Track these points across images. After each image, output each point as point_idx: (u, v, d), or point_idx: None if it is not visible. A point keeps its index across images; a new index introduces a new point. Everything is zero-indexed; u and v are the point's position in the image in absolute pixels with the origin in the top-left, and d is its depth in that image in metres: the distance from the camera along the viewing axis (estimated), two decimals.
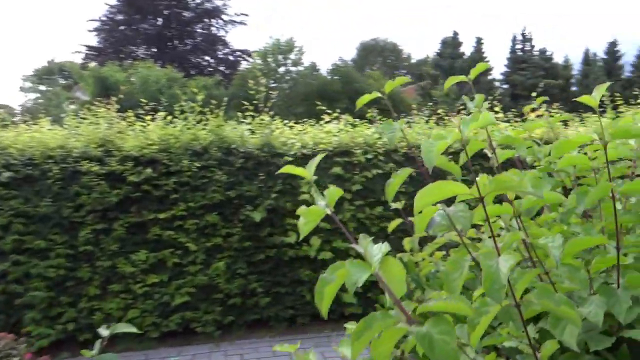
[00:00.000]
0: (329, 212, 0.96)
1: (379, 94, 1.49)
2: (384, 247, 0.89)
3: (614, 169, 1.39)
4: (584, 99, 1.04)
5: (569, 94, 42.73)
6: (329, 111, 5.69)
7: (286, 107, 24.37)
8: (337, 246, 4.99)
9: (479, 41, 40.41)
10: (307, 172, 1.06)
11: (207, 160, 4.83)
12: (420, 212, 1.48)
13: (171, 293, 4.72)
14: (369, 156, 5.08)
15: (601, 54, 45.15)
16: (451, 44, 40.11)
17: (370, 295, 5.09)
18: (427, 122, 5.79)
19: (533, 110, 6.02)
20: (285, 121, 5.66)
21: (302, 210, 1.02)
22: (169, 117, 5.14)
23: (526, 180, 0.83)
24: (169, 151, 4.77)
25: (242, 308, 4.96)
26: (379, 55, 64.01)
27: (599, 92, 1.02)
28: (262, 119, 5.30)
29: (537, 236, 1.03)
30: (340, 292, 3.16)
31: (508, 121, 6.17)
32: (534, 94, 6.81)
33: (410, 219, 2.30)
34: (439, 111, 5.93)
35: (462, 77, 1.51)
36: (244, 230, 4.88)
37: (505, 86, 42.37)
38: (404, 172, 1.39)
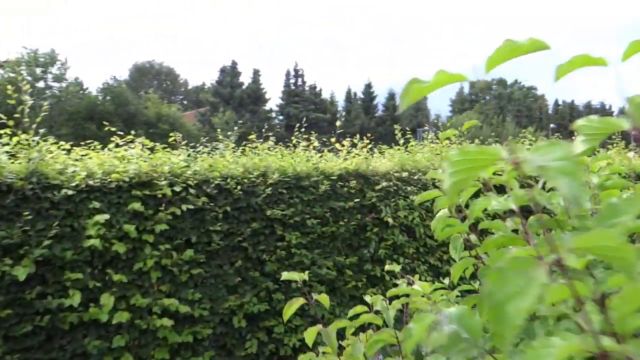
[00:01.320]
0: None
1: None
2: None
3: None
4: None
5: (335, 127, 46.96)
6: (120, 132, 4.60)
7: (48, 126, 21.14)
8: (137, 303, 3.92)
9: (256, 72, 41.65)
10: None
11: None
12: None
13: None
14: (177, 188, 4.17)
15: (360, 94, 50.89)
16: (230, 73, 40.46)
17: None
18: (243, 151, 5.14)
19: (339, 141, 5.74)
20: (61, 143, 4.38)
21: None
22: None
23: None
24: None
25: None
26: (154, 79, 61.54)
27: None
28: (27, 139, 3.97)
29: None
30: None
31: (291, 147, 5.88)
32: (335, 130, 6.69)
33: (315, 297, 1.58)
34: (250, 137, 5.32)
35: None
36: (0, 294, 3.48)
37: (280, 117, 44.41)
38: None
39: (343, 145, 5.88)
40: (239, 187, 4.50)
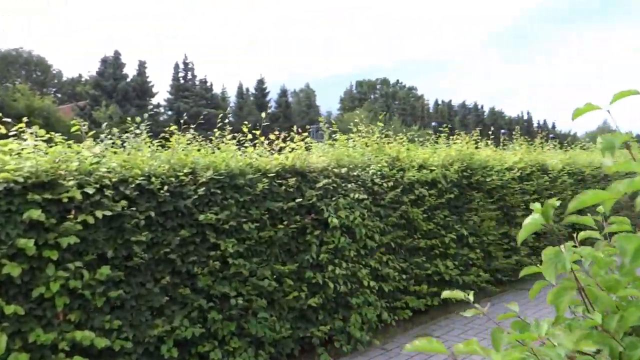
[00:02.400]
0: None
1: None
2: None
3: None
4: None
5: (228, 124, 45.75)
6: (8, 119, 3.61)
7: None
8: (38, 340, 3.03)
9: (142, 64, 39.02)
10: None
11: None
12: None
13: None
14: (89, 190, 3.32)
15: (252, 90, 50.02)
16: (113, 64, 37.47)
17: None
18: (162, 144, 4.34)
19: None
20: None
21: None
22: None
23: None
24: None
25: None
26: (21, 69, 55.81)
27: None
28: None
29: None
30: None
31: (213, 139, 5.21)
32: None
33: None
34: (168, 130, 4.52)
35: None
36: None
37: (170, 112, 42.05)
38: None
39: (270, 140, 5.25)
40: (165, 188, 3.73)
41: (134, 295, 3.57)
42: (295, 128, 5.26)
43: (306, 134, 5.17)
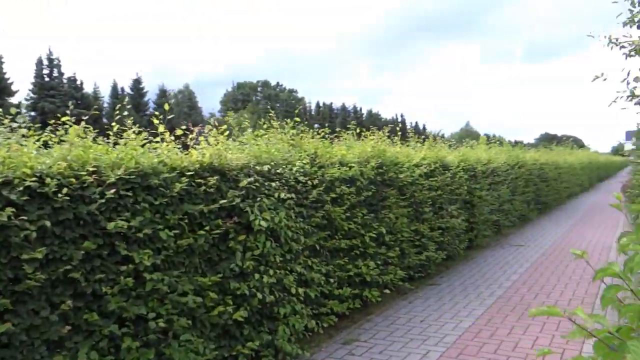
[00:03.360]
0: None
1: None
2: None
3: None
4: None
5: (101, 124, 42.42)
6: None
7: None
8: None
9: None
10: None
11: None
12: None
13: None
14: None
15: (128, 90, 47.03)
16: None
17: None
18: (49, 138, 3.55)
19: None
20: None
21: None
22: None
23: None
24: None
25: None
26: None
27: None
28: None
29: None
30: None
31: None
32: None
33: None
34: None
35: None
36: None
37: (32, 113, 37.89)
38: None
39: (177, 135, 4.61)
40: (63, 191, 3.00)
41: (25, 327, 2.81)
42: (212, 122, 4.68)
43: (225, 126, 4.61)
